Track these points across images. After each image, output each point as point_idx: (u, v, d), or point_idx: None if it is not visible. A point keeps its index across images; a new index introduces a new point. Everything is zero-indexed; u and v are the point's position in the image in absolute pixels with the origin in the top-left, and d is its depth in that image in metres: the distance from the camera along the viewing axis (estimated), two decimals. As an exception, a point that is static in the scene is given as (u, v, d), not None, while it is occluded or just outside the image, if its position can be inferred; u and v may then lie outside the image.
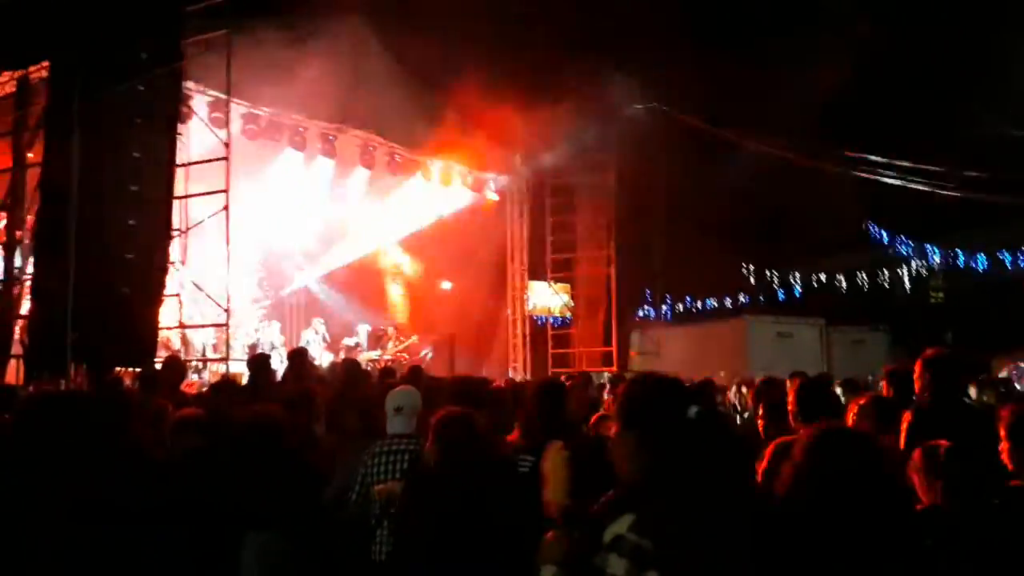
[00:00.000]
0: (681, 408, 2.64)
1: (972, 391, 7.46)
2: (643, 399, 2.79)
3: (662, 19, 16.84)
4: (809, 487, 2.42)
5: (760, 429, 5.18)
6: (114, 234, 9.86)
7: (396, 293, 19.97)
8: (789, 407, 4.66)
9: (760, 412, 5.32)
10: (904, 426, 4.41)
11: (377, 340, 17.72)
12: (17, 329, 10.50)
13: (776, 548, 2.38)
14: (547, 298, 20.69)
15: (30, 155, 10.75)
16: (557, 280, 20.78)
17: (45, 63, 10.57)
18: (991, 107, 17.41)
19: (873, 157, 17.85)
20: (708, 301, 25.93)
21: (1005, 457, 3.61)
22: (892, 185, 18.03)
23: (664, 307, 25.16)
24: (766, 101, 19.20)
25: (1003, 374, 11.87)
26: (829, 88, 19.14)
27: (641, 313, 23.96)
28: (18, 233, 10.73)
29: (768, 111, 18.97)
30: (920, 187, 17.78)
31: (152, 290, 10.28)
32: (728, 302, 25.97)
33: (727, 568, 2.41)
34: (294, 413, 5.51)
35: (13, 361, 10.21)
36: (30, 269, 10.40)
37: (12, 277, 10.67)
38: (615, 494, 2.67)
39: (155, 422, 5.23)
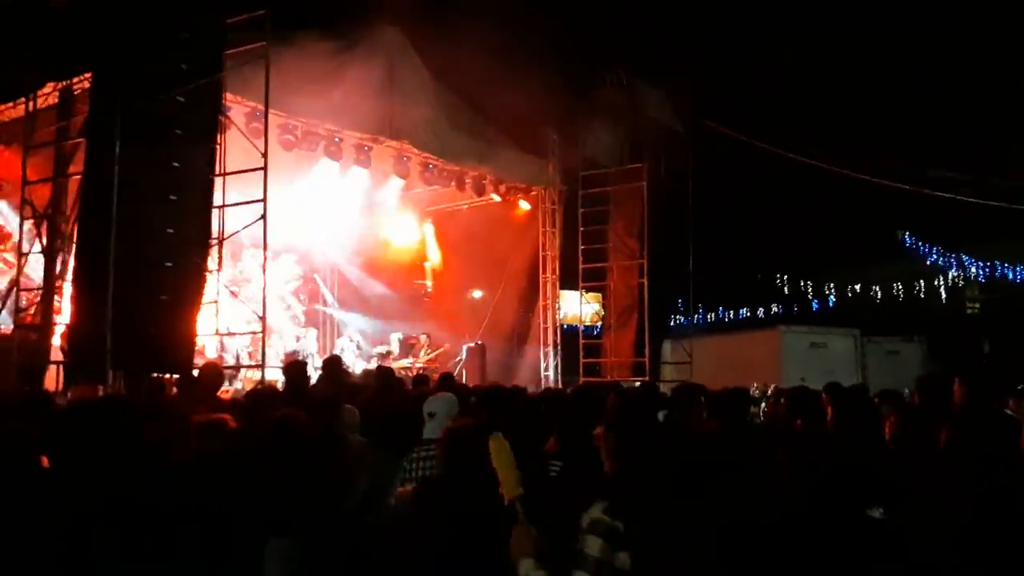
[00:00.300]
0: (652, 414, 3.21)
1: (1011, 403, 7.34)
2: (622, 406, 3.42)
3: (696, 31, 16.79)
4: None
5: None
6: (153, 242, 9.94)
7: (428, 302, 20.04)
8: (828, 417, 4.64)
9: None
10: (943, 439, 4.36)
11: (409, 348, 17.77)
12: (57, 336, 10.61)
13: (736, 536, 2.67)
14: (578, 307, 20.63)
15: (71, 165, 10.87)
16: (589, 290, 20.72)
17: (87, 74, 10.68)
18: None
19: (911, 167, 17.65)
20: (741, 311, 25.76)
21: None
22: (929, 195, 17.81)
23: (696, 317, 25.03)
24: (801, 112, 19.06)
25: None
26: (866, 98, 18.96)
27: (673, 323, 23.85)
28: (59, 241, 10.85)
29: (803, 122, 18.83)
30: (957, 197, 17.56)
31: (190, 297, 10.35)
32: (761, 312, 25.77)
33: (690, 547, 2.68)
34: (319, 418, 5.54)
35: (52, 367, 10.31)
36: (69, 276, 10.52)
37: (52, 284, 10.79)
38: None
39: (179, 428, 5.23)
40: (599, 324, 20.94)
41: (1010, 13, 19.21)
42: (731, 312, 25.78)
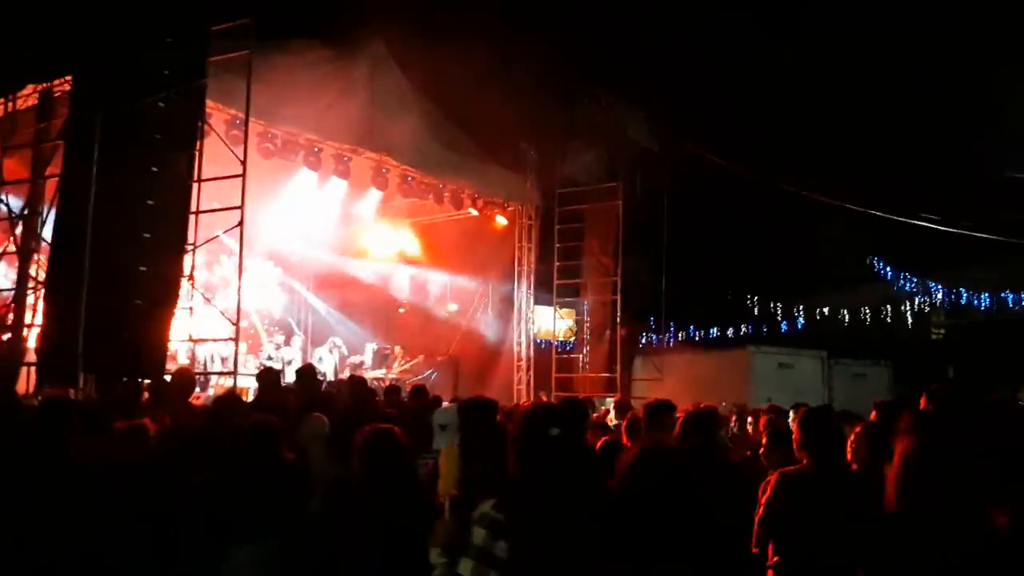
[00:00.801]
0: (546, 429, 3.55)
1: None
2: (524, 421, 3.73)
3: (670, 56, 16.92)
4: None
5: (762, 457, 5.21)
6: (129, 246, 9.84)
7: (403, 313, 19.98)
8: (793, 436, 4.68)
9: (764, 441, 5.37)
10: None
11: (383, 359, 17.72)
12: (31, 338, 10.49)
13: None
14: (552, 323, 20.66)
15: (49, 167, 10.78)
16: (563, 306, 20.77)
17: (68, 77, 10.61)
18: (997, 150, 17.43)
19: (882, 194, 17.87)
20: (712, 330, 25.87)
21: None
22: (898, 221, 18.03)
23: (668, 335, 25.12)
24: (776, 137, 19.24)
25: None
26: (840, 126, 19.18)
27: (645, 340, 23.90)
28: (33, 243, 10.74)
29: (778, 147, 19.01)
30: (925, 224, 17.77)
31: (164, 302, 10.25)
32: (731, 332, 25.90)
33: (562, 538, 3.18)
34: (285, 425, 5.53)
35: (25, 369, 10.17)
36: (43, 278, 10.41)
37: (26, 286, 10.66)
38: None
39: (136, 437, 5.16)
40: (572, 340, 20.99)
41: (975, 50, 19.53)
42: (702, 331, 25.86)
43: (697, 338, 25.69)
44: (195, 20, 10.72)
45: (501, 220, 19.37)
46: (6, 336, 10.67)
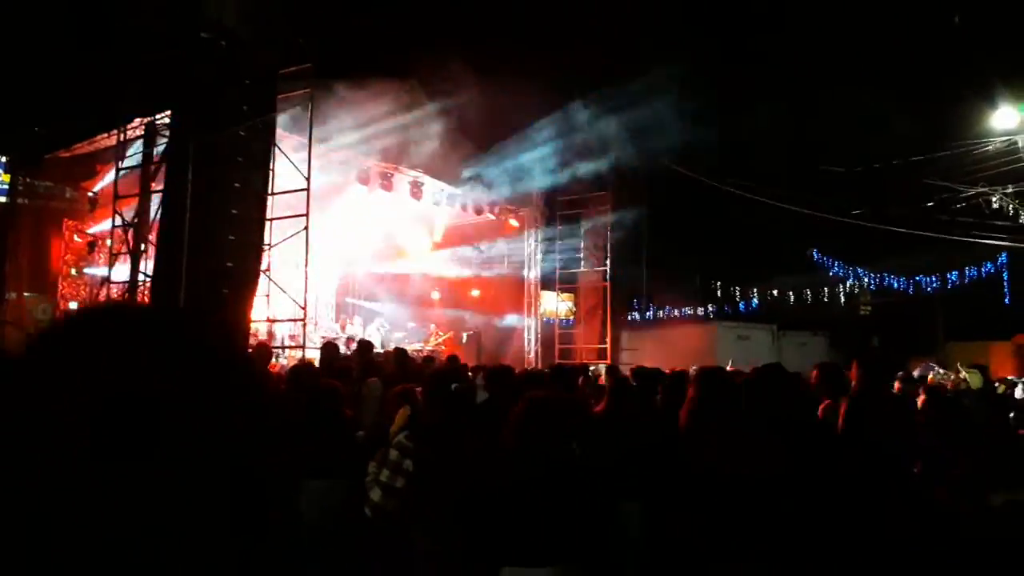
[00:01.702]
0: (449, 384, 4.08)
1: (896, 385, 7.48)
2: (432, 379, 4.25)
3: (647, 88, 16.81)
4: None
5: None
6: (217, 246, 9.93)
7: (436, 297, 20.04)
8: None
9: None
10: (843, 410, 4.45)
11: (421, 335, 17.78)
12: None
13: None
14: (554, 304, 20.67)
15: (154, 184, 10.87)
16: (563, 290, 20.77)
17: (168, 112, 10.68)
18: (915, 162, 17.29)
19: (819, 197, 17.79)
20: (684, 310, 25.80)
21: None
22: (832, 219, 17.94)
23: (648, 313, 25.08)
24: (731, 152, 19.16)
25: (917, 372, 11.74)
26: (778, 142, 19.06)
27: (630, 318, 23.88)
28: (142, 245, 10.84)
29: (733, 160, 18.93)
30: (853, 221, 17.68)
31: (246, 291, 10.34)
32: (700, 311, 25.82)
33: (447, 462, 3.54)
34: (348, 387, 5.59)
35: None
36: (151, 273, 10.50)
37: (136, 280, 10.77)
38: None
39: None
40: (571, 318, 21.00)
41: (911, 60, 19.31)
42: (676, 310, 25.79)
43: (673, 316, 25.61)
44: (268, 66, 10.77)
45: (513, 222, 19.38)
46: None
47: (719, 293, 26.11)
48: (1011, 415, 7.14)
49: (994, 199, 17.28)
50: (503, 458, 3.10)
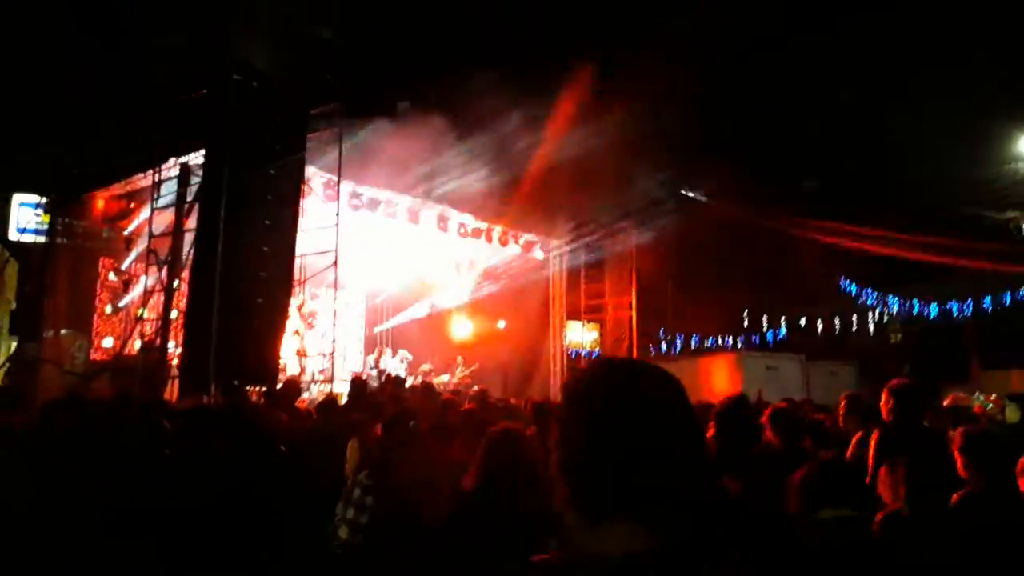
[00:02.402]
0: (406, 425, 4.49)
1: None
2: (387, 422, 4.50)
3: (670, 125, 16.82)
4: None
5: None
6: (249, 283, 10.06)
7: (463, 329, 20.01)
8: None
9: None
10: (873, 442, 4.34)
11: (447, 367, 17.73)
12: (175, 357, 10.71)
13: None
14: (580, 335, 20.57)
15: (187, 222, 11.04)
16: (589, 321, 20.68)
17: (201, 152, 10.88)
18: (945, 189, 17.13)
19: (848, 227, 17.64)
20: (711, 339, 25.54)
21: (961, 470, 3.50)
22: (861, 248, 17.75)
23: (674, 343, 24.85)
24: (758, 183, 19.08)
25: (947, 401, 11.39)
26: (810, 169, 18.94)
27: (655, 348, 23.68)
28: (176, 282, 10.98)
29: (764, 191, 18.84)
30: (883, 249, 17.49)
31: (276, 327, 10.43)
32: (727, 340, 25.55)
33: (403, 498, 3.75)
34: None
35: (170, 381, 10.40)
36: (184, 309, 10.62)
37: (169, 316, 10.90)
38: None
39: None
40: (597, 349, 20.87)
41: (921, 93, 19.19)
42: (701, 340, 25.55)
43: (698, 346, 25.36)
44: (298, 106, 10.97)
45: (539, 254, 19.39)
46: (155, 355, 10.90)
47: (746, 323, 25.83)
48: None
49: (1025, 225, 17.03)
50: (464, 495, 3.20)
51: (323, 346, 11.70)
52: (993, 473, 3.41)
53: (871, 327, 24.85)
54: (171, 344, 10.83)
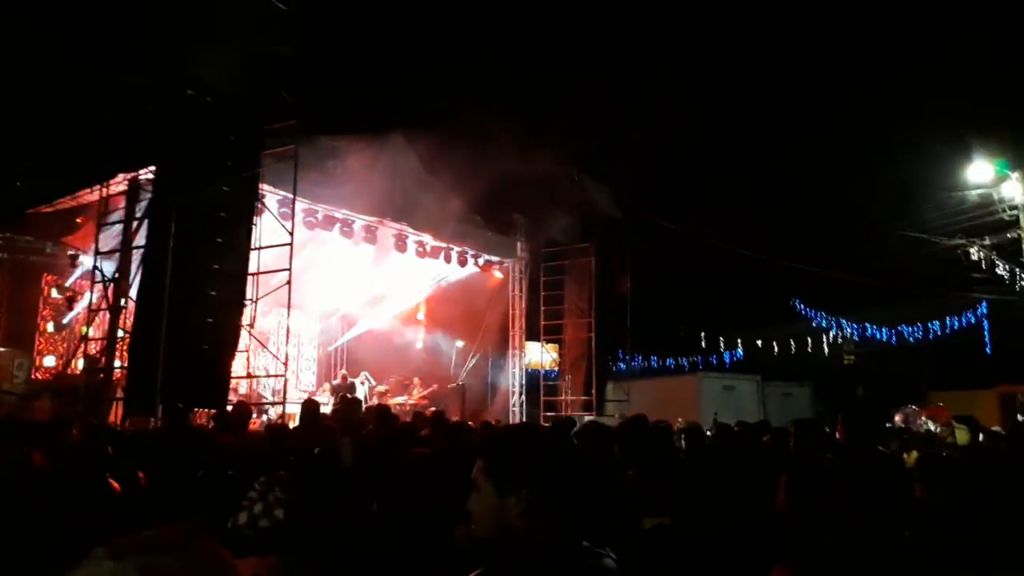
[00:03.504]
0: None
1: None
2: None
3: (630, 145, 17.10)
4: None
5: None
6: (199, 302, 9.90)
7: (420, 349, 19.91)
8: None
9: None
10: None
11: (404, 388, 17.61)
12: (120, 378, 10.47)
13: None
14: (539, 355, 20.62)
15: (136, 239, 10.84)
16: (548, 341, 20.74)
17: (152, 167, 10.72)
18: (895, 215, 17.65)
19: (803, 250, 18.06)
20: (669, 360, 25.81)
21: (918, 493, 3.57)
22: (816, 272, 18.15)
23: (633, 364, 25.05)
24: (717, 205, 19.43)
25: (897, 419, 11.65)
26: (763, 197, 19.34)
27: (615, 368, 23.83)
28: (123, 301, 10.76)
29: (719, 213, 19.20)
30: (837, 274, 17.91)
31: (227, 347, 10.26)
32: (685, 362, 25.84)
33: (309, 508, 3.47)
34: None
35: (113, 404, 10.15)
36: (130, 329, 10.40)
37: (115, 336, 10.67)
38: None
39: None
40: (556, 369, 20.93)
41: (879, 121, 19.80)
42: (661, 360, 25.79)
43: (657, 366, 25.59)
44: (253, 122, 10.87)
45: (497, 274, 19.43)
46: (99, 376, 10.64)
47: (704, 344, 26.17)
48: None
49: (972, 251, 17.59)
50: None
51: (276, 366, 11.52)
52: (950, 497, 3.49)
53: (825, 349, 25.40)
54: (117, 364, 10.58)
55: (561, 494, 1.83)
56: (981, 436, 11.01)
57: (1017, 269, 16.96)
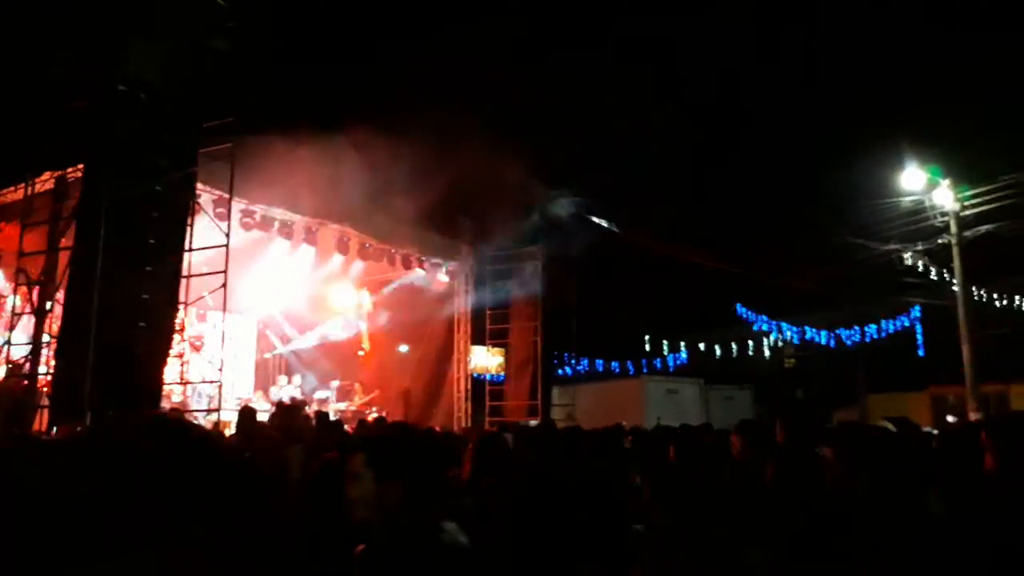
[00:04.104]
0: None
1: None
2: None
3: (578, 149, 17.23)
4: None
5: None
6: (130, 305, 9.57)
7: (363, 353, 19.68)
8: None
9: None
10: (769, 473, 4.49)
11: (345, 394, 17.38)
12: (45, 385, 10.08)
13: None
14: (485, 360, 20.58)
15: (64, 241, 10.46)
16: (494, 345, 20.72)
17: (80, 165, 10.36)
18: (833, 222, 18.16)
19: (743, 255, 18.41)
20: (614, 364, 26.05)
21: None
22: (756, 277, 18.54)
23: (580, 368, 25.21)
24: (662, 209, 19.71)
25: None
26: (705, 203, 19.68)
27: (561, 372, 23.96)
28: (48, 304, 10.36)
29: (662, 220, 19.48)
30: (777, 279, 18.33)
31: (159, 352, 9.97)
32: (630, 365, 26.12)
33: None
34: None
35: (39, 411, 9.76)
36: (56, 333, 10.02)
37: (40, 341, 10.27)
38: None
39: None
40: (502, 374, 20.92)
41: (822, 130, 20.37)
42: (606, 364, 26.02)
43: (602, 370, 25.81)
44: (188, 119, 10.60)
45: (443, 277, 19.34)
46: (24, 383, 10.23)
47: (648, 347, 26.50)
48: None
49: (906, 256, 18.20)
50: None
51: (211, 372, 11.24)
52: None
53: (766, 352, 25.97)
54: (42, 370, 10.17)
55: (435, 483, 2.09)
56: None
57: (947, 274, 17.61)
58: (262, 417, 9.23)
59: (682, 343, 26.25)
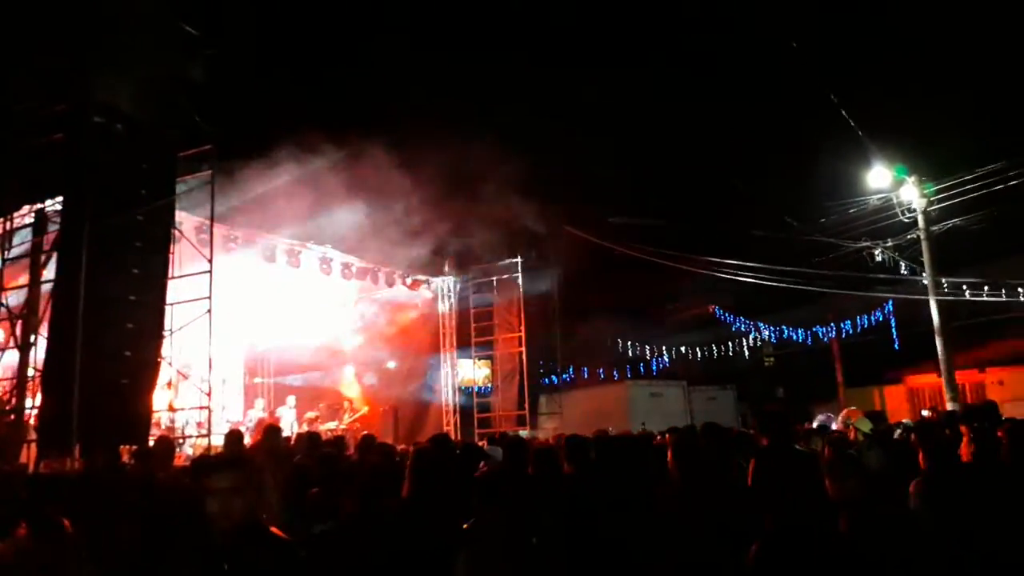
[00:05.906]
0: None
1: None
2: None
3: (557, 160, 17.28)
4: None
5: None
6: (115, 336, 9.48)
7: (350, 372, 19.55)
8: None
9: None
10: (750, 468, 4.51)
11: (334, 412, 17.25)
12: (31, 419, 9.91)
13: None
14: (472, 372, 20.54)
15: (44, 273, 10.32)
16: (480, 358, 20.69)
17: (59, 198, 10.24)
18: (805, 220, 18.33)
19: (724, 260, 18.55)
20: (599, 370, 26.09)
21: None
22: (733, 279, 18.66)
23: (565, 376, 25.21)
24: (634, 218, 19.80)
25: (818, 420, 12.03)
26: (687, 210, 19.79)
27: (546, 381, 23.94)
28: (32, 337, 10.22)
29: (636, 227, 19.58)
30: (754, 280, 18.45)
31: (146, 381, 9.85)
32: (614, 370, 26.16)
33: None
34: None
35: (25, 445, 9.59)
36: (41, 366, 9.87)
37: (26, 375, 10.11)
38: None
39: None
40: (489, 385, 20.88)
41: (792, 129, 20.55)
42: (590, 371, 26.05)
43: (587, 377, 25.83)
44: (166, 149, 10.54)
45: (427, 293, 19.32)
46: (9, 418, 10.05)
47: (630, 352, 26.55)
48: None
49: (876, 252, 18.40)
50: None
51: (200, 399, 11.12)
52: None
53: (746, 352, 26.11)
54: (28, 404, 10.01)
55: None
56: (899, 432, 11.49)
57: (916, 267, 17.81)
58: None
59: (664, 347, 26.34)
